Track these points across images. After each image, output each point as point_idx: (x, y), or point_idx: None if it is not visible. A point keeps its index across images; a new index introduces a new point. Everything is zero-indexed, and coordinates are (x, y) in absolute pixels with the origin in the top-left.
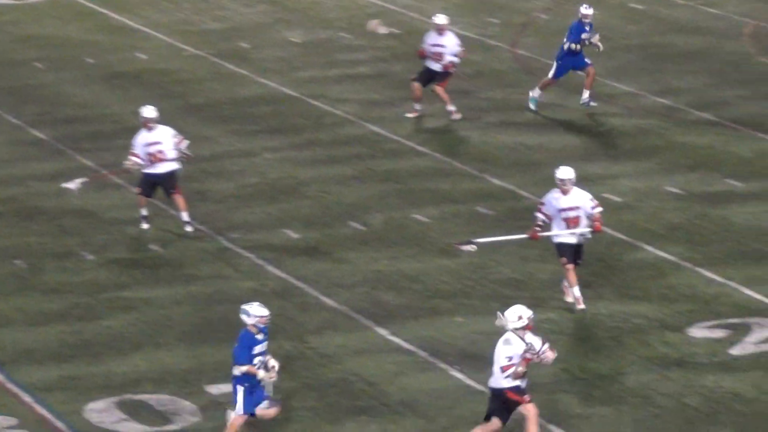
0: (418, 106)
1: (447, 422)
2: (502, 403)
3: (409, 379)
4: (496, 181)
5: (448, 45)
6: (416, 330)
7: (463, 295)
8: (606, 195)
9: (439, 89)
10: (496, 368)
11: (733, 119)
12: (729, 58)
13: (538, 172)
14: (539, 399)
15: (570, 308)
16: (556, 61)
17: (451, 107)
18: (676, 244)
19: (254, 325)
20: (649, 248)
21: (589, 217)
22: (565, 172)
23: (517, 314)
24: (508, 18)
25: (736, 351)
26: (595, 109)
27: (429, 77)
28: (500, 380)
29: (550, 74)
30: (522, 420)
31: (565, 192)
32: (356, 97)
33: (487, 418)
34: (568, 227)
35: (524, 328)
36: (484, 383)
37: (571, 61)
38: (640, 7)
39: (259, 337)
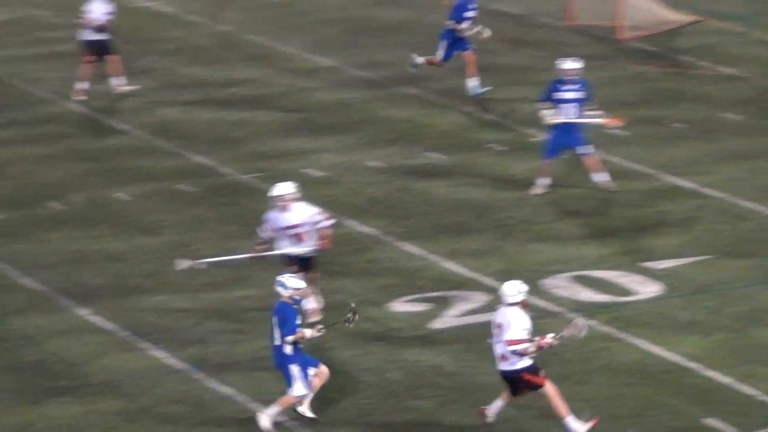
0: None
1: (149, 401)
2: (517, 385)
3: (110, 359)
4: (198, 158)
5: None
6: (117, 309)
7: (163, 274)
8: (307, 170)
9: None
10: (501, 349)
11: (434, 92)
12: (430, 31)
13: (239, 148)
14: (238, 378)
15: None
16: (442, 40)
17: (116, 81)
18: (378, 218)
19: (291, 297)
20: (351, 223)
21: (318, 231)
22: (280, 189)
23: (516, 288)
24: None
25: (437, 324)
26: (296, 83)
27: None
28: (512, 362)
29: (439, 55)
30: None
31: (285, 208)
32: (57, 75)
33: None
34: (295, 243)
35: (521, 303)
36: (187, 361)
37: (453, 41)
38: None
39: (296, 308)
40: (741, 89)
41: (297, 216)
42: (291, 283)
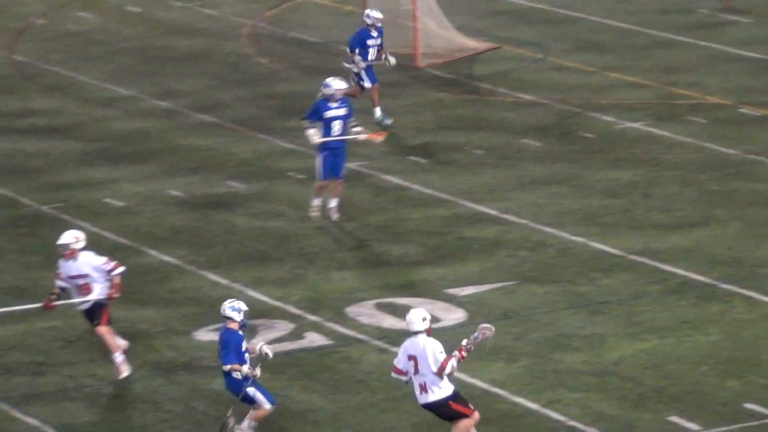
0: None
1: None
2: (443, 415)
3: None
4: None
5: None
6: None
7: None
8: (108, 200)
9: None
10: (421, 380)
11: (233, 120)
12: (228, 60)
13: (38, 178)
14: (43, 409)
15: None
16: (362, 71)
17: None
18: (180, 247)
19: (241, 322)
20: (153, 252)
21: (108, 279)
22: (64, 238)
23: (421, 316)
24: (4, 23)
25: None
26: (94, 113)
27: None
28: (437, 391)
29: (367, 83)
30: None
31: (69, 257)
32: None
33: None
34: (80, 295)
35: (426, 330)
36: None
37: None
38: (137, 9)
39: (242, 333)
40: (539, 115)
41: (81, 266)
42: (243, 306)
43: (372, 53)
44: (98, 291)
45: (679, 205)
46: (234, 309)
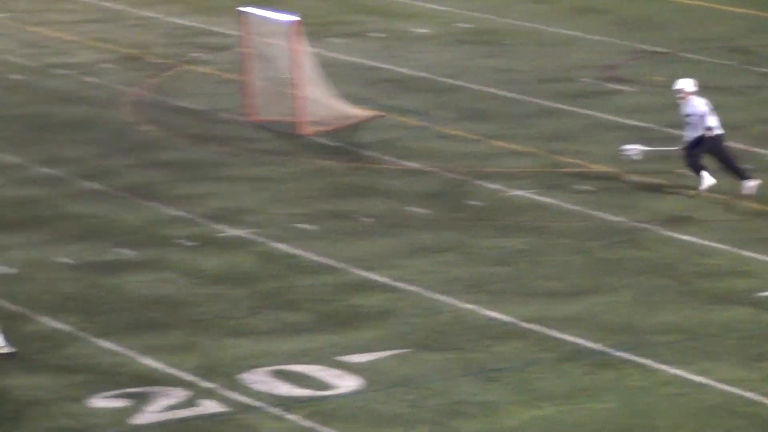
0: None
1: None
2: None
3: None
4: None
5: None
6: None
7: None
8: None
9: None
10: None
11: (120, 187)
12: (112, 127)
13: None
14: None
15: None
16: None
17: None
18: (72, 314)
19: None
20: (45, 319)
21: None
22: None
23: None
24: None
25: (138, 420)
26: None
27: None
28: None
29: None
30: None
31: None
32: None
33: None
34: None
35: None
36: None
37: None
38: (19, 77)
39: None
40: (425, 183)
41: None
42: None
43: None
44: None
45: (569, 272)
46: None
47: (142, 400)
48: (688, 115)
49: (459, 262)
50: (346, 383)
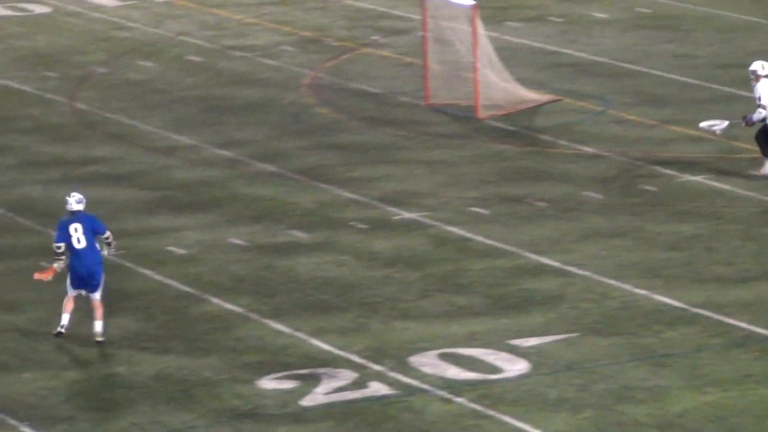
0: None
1: None
2: None
3: None
4: None
5: None
6: None
7: (30, 351)
8: (170, 248)
9: None
10: None
11: (295, 170)
12: (289, 110)
13: None
14: None
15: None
16: None
17: None
18: (243, 295)
19: None
20: (216, 300)
21: None
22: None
23: None
24: (66, 71)
25: (306, 402)
26: (156, 161)
27: None
28: None
29: None
30: None
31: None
32: None
33: None
34: None
35: None
36: None
37: None
38: (197, 59)
39: None
40: (600, 168)
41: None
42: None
43: None
44: None
45: (742, 258)
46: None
47: (311, 381)
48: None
49: (632, 247)
50: (514, 367)
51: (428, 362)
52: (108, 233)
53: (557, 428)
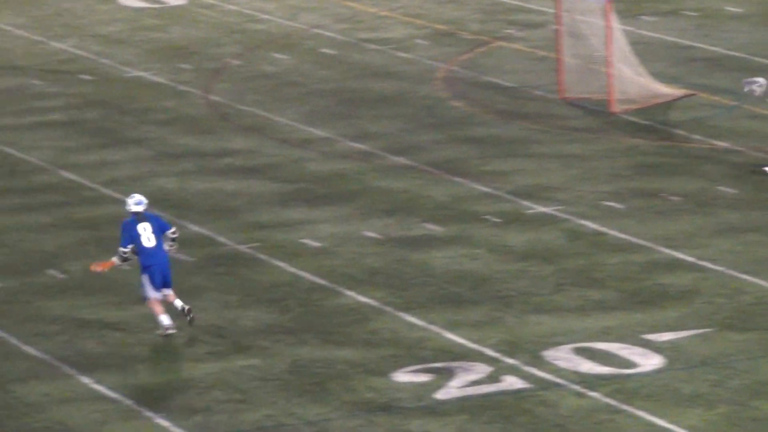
0: None
1: None
2: None
3: (114, 427)
4: (194, 228)
5: None
6: (120, 378)
7: (165, 343)
8: (305, 240)
9: None
10: None
11: (428, 163)
12: (423, 103)
13: (235, 218)
14: None
15: (273, 355)
16: None
17: None
18: (377, 288)
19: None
20: (350, 293)
21: None
22: None
23: None
24: (200, 64)
25: (440, 395)
26: (290, 154)
27: None
28: None
29: None
30: None
31: None
32: (50, 144)
33: None
34: None
35: None
36: (191, 430)
37: None
38: (332, 52)
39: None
40: (735, 162)
41: None
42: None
43: None
44: None
45: None
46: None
47: (445, 374)
48: None
49: (766, 242)
50: (648, 362)
51: (562, 356)
52: (173, 228)
53: (691, 424)
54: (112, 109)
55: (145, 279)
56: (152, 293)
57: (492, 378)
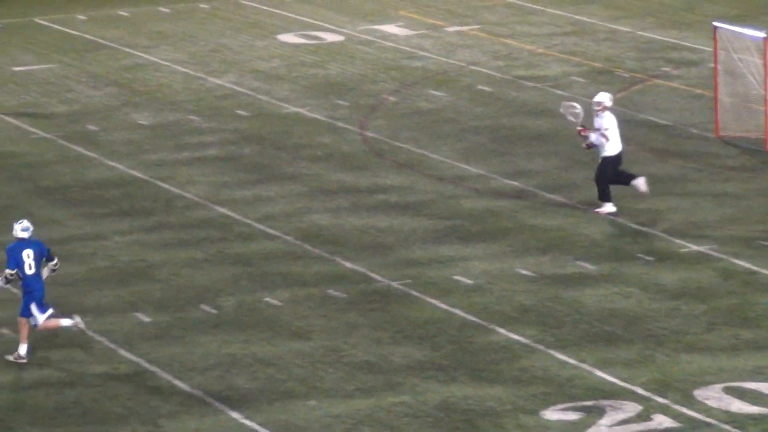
0: None
1: None
2: None
3: None
4: (348, 264)
5: None
6: (270, 414)
7: (316, 378)
8: (457, 277)
9: None
10: None
11: (582, 201)
12: (577, 140)
13: (388, 254)
14: None
15: (423, 392)
16: None
17: None
18: (529, 326)
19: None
20: (502, 331)
21: None
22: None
23: None
24: (357, 100)
25: None
26: (444, 191)
27: None
28: None
29: None
30: None
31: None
32: (206, 179)
33: None
34: None
35: None
36: None
37: None
38: (488, 89)
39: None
40: None
41: None
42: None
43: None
44: None
45: None
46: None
47: (595, 413)
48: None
49: None
50: None
51: (713, 396)
52: (56, 260)
53: None
54: (267, 145)
55: (33, 306)
56: (38, 315)
57: (642, 417)
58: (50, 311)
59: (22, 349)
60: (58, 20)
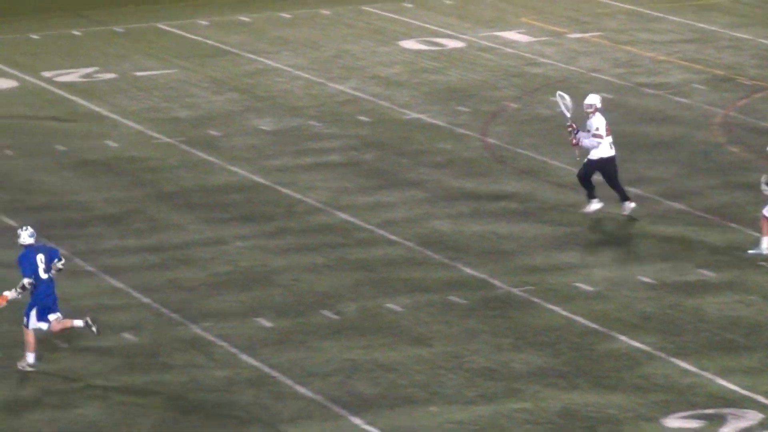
0: None
1: None
2: None
3: None
4: (468, 270)
5: None
6: (391, 419)
7: (437, 385)
8: (579, 284)
9: None
10: None
11: (704, 209)
12: (699, 148)
13: (510, 261)
14: None
15: (544, 399)
16: None
17: None
18: (650, 334)
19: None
20: (623, 338)
21: None
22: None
23: None
24: (478, 106)
25: None
26: (566, 198)
27: None
28: None
29: None
30: None
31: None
32: (327, 185)
33: None
34: None
35: None
36: None
37: None
38: (609, 96)
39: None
40: None
41: None
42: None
43: None
44: None
45: None
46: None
47: (716, 421)
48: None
49: None
50: None
51: None
52: (63, 260)
53: None
54: (388, 151)
55: (33, 311)
56: (34, 324)
57: (763, 425)
58: (57, 315)
59: (30, 357)
60: (180, 26)
